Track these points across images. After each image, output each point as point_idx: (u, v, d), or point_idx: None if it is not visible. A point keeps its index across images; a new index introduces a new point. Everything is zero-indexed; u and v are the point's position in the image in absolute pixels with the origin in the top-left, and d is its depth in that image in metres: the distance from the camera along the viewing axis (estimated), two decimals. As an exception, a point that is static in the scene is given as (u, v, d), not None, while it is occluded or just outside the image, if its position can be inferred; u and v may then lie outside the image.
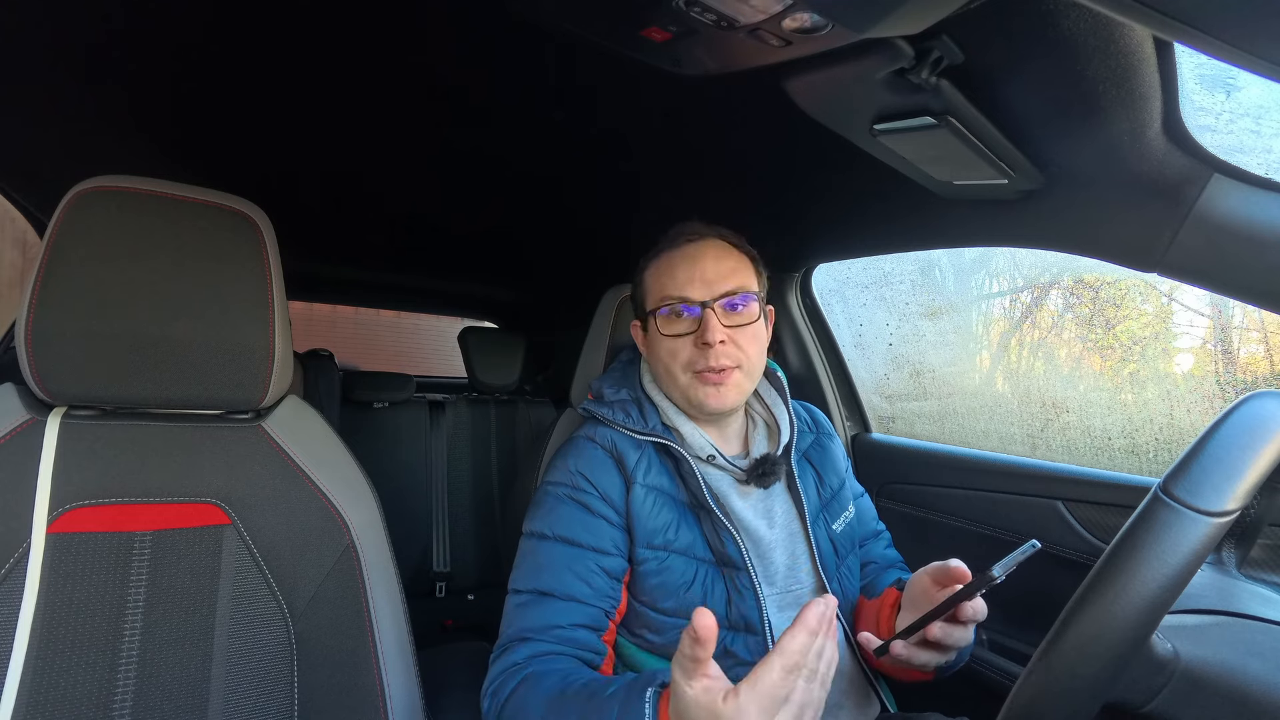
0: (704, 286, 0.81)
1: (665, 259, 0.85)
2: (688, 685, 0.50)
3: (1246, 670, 0.51)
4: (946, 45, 0.60)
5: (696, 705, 0.49)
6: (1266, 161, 0.65)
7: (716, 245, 0.84)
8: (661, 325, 0.83)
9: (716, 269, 0.82)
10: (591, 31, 0.65)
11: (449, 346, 2.27)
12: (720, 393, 0.80)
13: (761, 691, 0.47)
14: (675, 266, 0.83)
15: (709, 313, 0.79)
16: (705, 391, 0.80)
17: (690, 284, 0.81)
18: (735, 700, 0.47)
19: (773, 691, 0.48)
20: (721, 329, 0.79)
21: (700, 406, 0.82)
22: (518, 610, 0.75)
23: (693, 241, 0.84)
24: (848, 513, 0.91)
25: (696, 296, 0.81)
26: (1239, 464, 0.47)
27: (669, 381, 0.84)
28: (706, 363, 0.79)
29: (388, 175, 1.25)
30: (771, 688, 0.48)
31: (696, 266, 0.82)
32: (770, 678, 0.48)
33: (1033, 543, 0.60)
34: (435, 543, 1.89)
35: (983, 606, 0.68)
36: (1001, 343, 1.46)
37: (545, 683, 0.66)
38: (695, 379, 0.81)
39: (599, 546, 0.77)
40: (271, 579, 0.74)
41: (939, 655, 0.70)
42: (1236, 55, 0.43)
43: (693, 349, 0.81)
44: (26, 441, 0.68)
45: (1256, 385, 1.05)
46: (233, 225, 0.76)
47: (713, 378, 0.80)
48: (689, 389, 0.81)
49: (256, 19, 0.77)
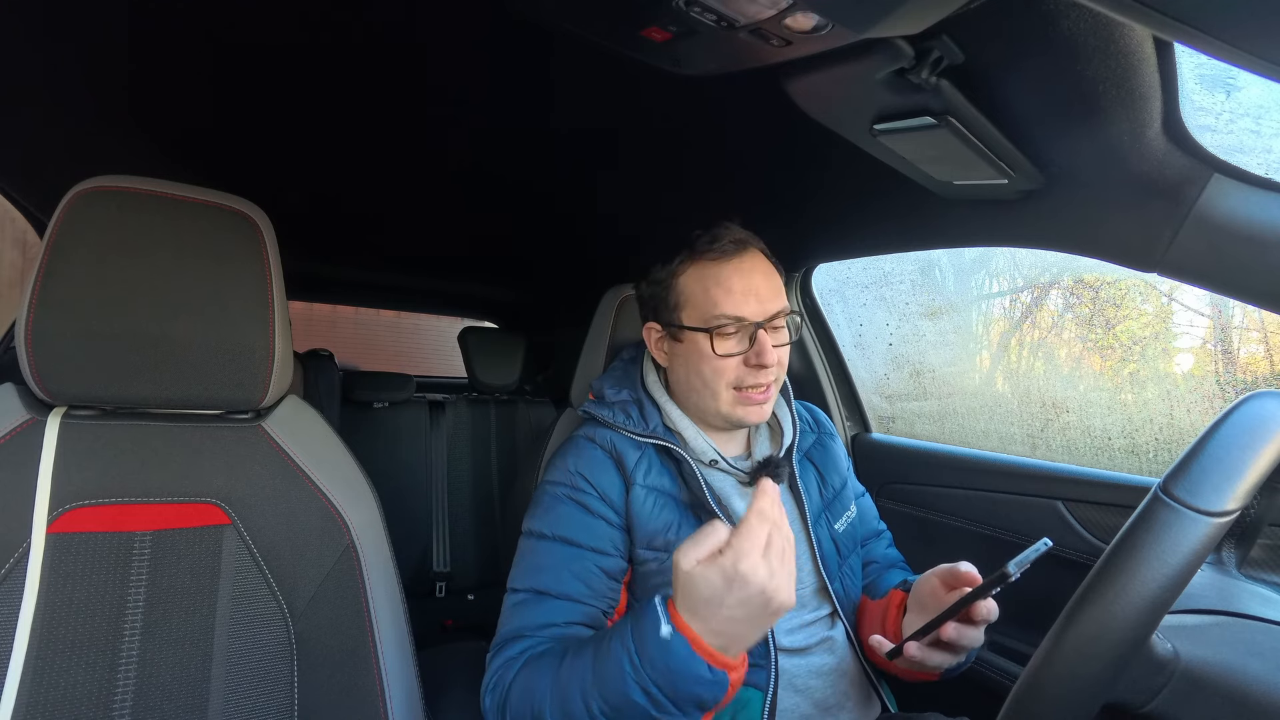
0: (758, 305, 0.78)
1: (713, 268, 0.80)
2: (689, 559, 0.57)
3: (1246, 670, 0.51)
4: (946, 45, 0.59)
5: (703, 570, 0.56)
6: (1266, 161, 0.65)
7: (761, 260, 0.82)
8: (717, 345, 0.78)
9: (767, 286, 0.80)
10: (591, 31, 0.65)
11: (449, 346, 2.27)
12: (762, 410, 0.81)
13: (748, 535, 0.55)
14: (729, 279, 0.79)
15: (764, 335, 0.78)
16: (749, 410, 0.80)
17: (745, 303, 0.78)
18: (731, 548, 0.56)
19: (756, 535, 0.56)
20: (773, 350, 0.78)
21: (740, 422, 0.82)
22: (515, 609, 0.75)
23: (740, 252, 0.80)
24: (850, 512, 0.91)
25: (751, 316, 0.78)
26: (1239, 464, 0.47)
27: (706, 396, 0.81)
28: (755, 381, 0.79)
29: (388, 175, 1.25)
30: (754, 532, 0.56)
31: (750, 282, 0.79)
32: (752, 524, 0.56)
33: (1045, 541, 0.61)
34: (435, 543, 1.89)
35: (994, 607, 0.68)
36: (1001, 343, 1.46)
37: (548, 656, 0.67)
38: (738, 396, 0.80)
39: (597, 546, 0.77)
40: (271, 579, 0.74)
41: (951, 657, 0.70)
42: (1236, 55, 0.43)
43: (742, 369, 0.79)
44: (26, 441, 0.68)
45: (1256, 385, 1.05)
46: (233, 225, 0.76)
47: (759, 396, 0.79)
48: (730, 405, 0.80)
49: (257, 20, 0.77)
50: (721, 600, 0.55)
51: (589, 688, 0.61)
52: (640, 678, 0.58)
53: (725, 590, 0.55)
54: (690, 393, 0.84)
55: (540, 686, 0.65)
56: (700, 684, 0.57)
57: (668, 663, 0.57)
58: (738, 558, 0.55)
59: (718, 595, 0.55)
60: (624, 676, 0.58)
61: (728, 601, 0.55)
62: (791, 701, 0.78)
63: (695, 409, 0.84)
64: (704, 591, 0.56)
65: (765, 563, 0.55)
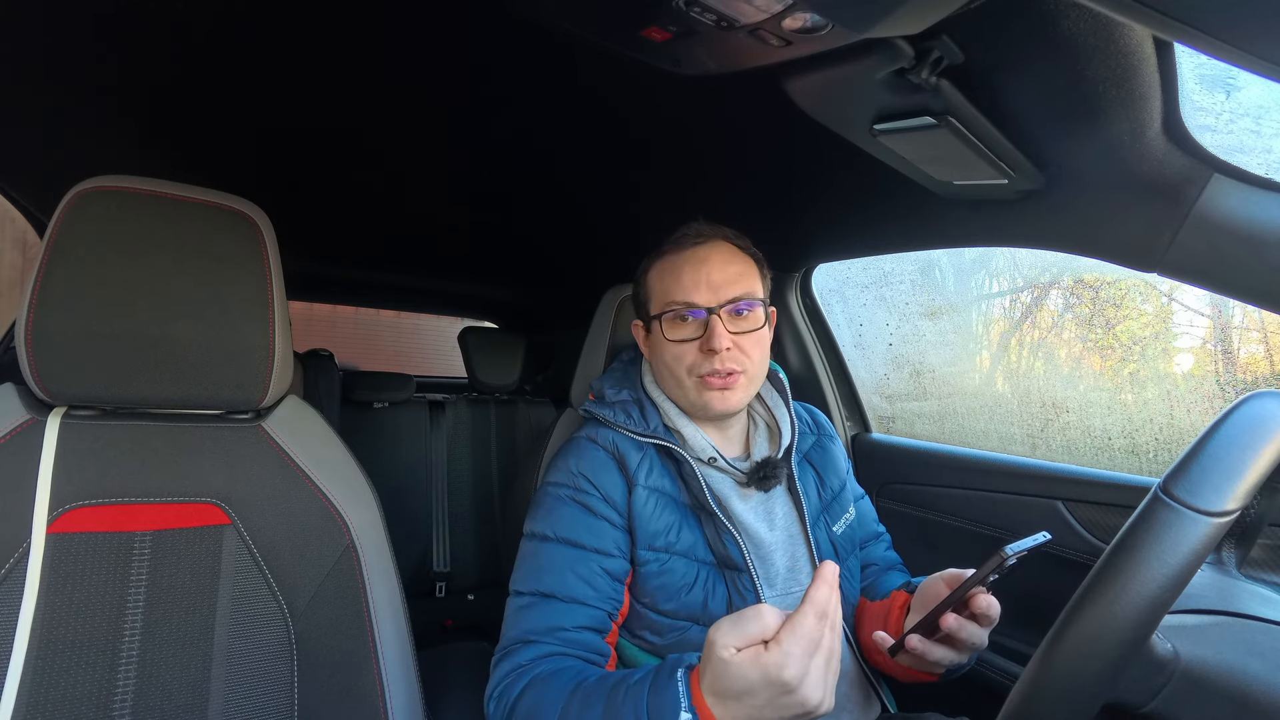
0: (710, 291, 0.80)
1: (670, 261, 0.84)
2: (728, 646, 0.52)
3: (1246, 670, 0.51)
4: (946, 45, 0.60)
5: (740, 664, 0.52)
6: (1266, 161, 0.65)
7: (723, 248, 0.83)
8: (666, 330, 0.82)
9: (723, 273, 0.81)
10: (591, 31, 0.65)
11: (449, 346, 2.27)
12: (725, 396, 0.80)
13: (801, 635, 0.51)
14: (681, 269, 0.82)
15: (715, 319, 0.79)
16: (710, 396, 0.80)
17: (696, 289, 0.80)
18: (779, 647, 0.51)
19: (810, 635, 0.51)
20: (727, 335, 0.79)
21: (705, 410, 0.81)
22: (520, 612, 0.75)
23: (699, 243, 0.83)
24: (848, 514, 0.91)
25: (702, 302, 0.80)
26: (1239, 464, 0.47)
27: (673, 384, 0.84)
28: (712, 367, 0.79)
29: (387, 176, 1.25)
30: (809, 632, 0.51)
31: (703, 270, 0.81)
32: (807, 623, 0.51)
33: (1045, 534, 0.61)
34: (435, 543, 1.89)
35: (996, 604, 0.67)
36: (1001, 343, 1.46)
37: (558, 680, 0.65)
38: (700, 383, 0.80)
39: (601, 548, 0.77)
40: (271, 579, 0.74)
41: (952, 653, 0.69)
42: (1236, 55, 0.43)
43: (698, 354, 0.80)
44: (26, 441, 0.68)
45: (1256, 385, 1.05)
46: (233, 225, 0.76)
47: (718, 382, 0.79)
48: (694, 393, 0.81)
49: (257, 20, 0.77)
50: (754, 696, 0.51)
51: None
52: None
53: (761, 688, 0.51)
54: (662, 383, 0.87)
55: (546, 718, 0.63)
56: None
57: None
58: (785, 662, 0.50)
59: (751, 691, 0.51)
60: None
61: (759, 699, 0.51)
62: (792, 702, 0.78)
63: (678, 400, 0.85)
64: (737, 685, 0.52)
65: (814, 666, 0.51)
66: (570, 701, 0.62)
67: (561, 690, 0.64)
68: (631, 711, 0.57)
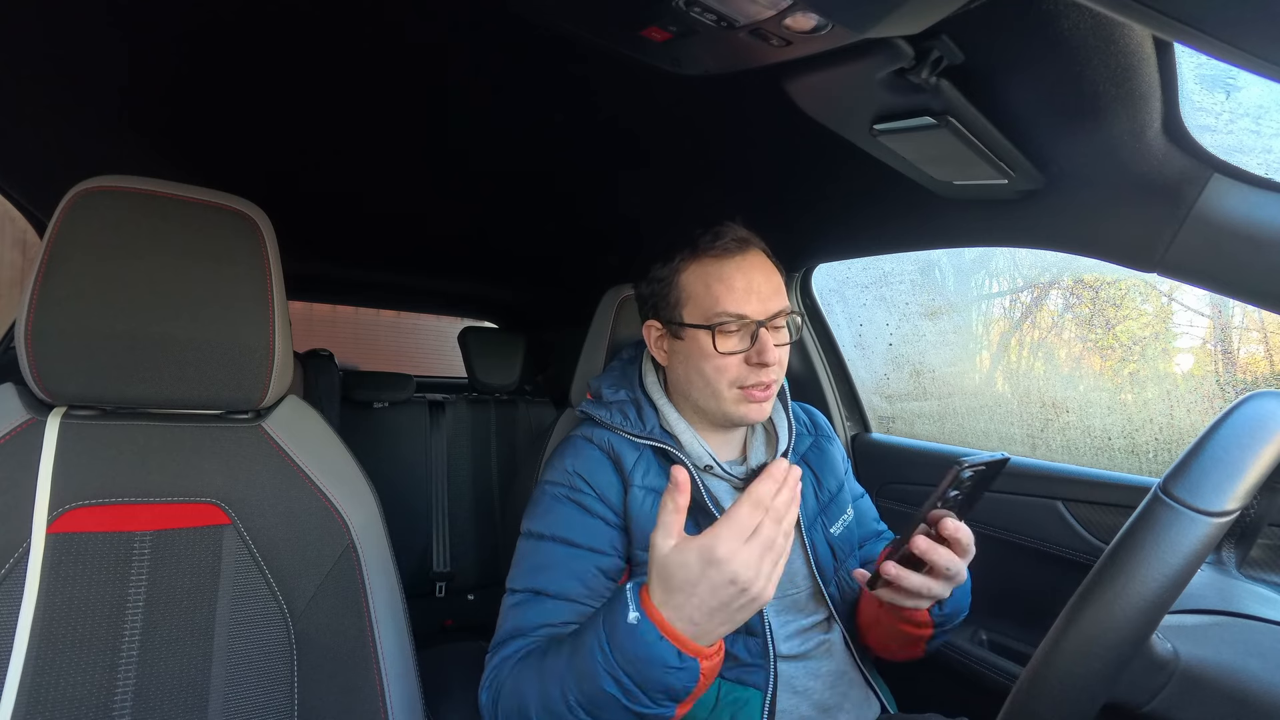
0: (759, 304, 0.78)
1: (716, 267, 0.80)
2: (667, 541, 0.57)
3: (1246, 670, 0.51)
4: (946, 45, 0.60)
5: (678, 552, 0.55)
6: (1266, 161, 0.65)
7: (762, 259, 0.82)
8: (719, 342, 0.78)
9: (768, 285, 0.80)
10: (591, 31, 0.65)
11: (449, 346, 2.27)
12: (763, 407, 0.80)
13: (733, 520, 0.54)
14: (732, 278, 0.79)
15: (765, 333, 0.78)
16: (749, 408, 0.80)
17: (747, 301, 0.78)
18: (712, 530, 0.55)
19: (741, 522, 0.54)
20: (774, 349, 0.78)
21: (742, 420, 0.81)
22: (514, 609, 0.75)
23: (743, 250, 0.81)
24: (846, 515, 0.91)
25: (753, 315, 0.78)
26: (1239, 464, 0.47)
27: (708, 395, 0.81)
28: (758, 379, 0.78)
29: (388, 176, 1.25)
30: (740, 519, 0.54)
31: (751, 280, 0.79)
32: (739, 512, 0.55)
33: (1003, 453, 0.64)
34: (435, 543, 1.89)
35: (966, 530, 0.69)
36: (1001, 343, 1.46)
37: (534, 655, 0.68)
38: (741, 395, 0.80)
39: (596, 547, 0.77)
40: (271, 579, 0.74)
41: (930, 581, 0.69)
42: (1236, 55, 0.43)
43: (743, 367, 0.79)
44: (26, 441, 0.68)
45: (1256, 385, 1.05)
46: (233, 225, 0.76)
47: (760, 394, 0.79)
48: (733, 404, 0.80)
49: (258, 21, 0.77)
50: (695, 585, 0.54)
51: (567, 680, 0.61)
52: (610, 665, 0.57)
53: (700, 574, 0.54)
54: (691, 390, 0.83)
55: (527, 682, 0.65)
56: (668, 671, 0.55)
57: (635, 649, 0.56)
58: (715, 540, 0.53)
59: (691, 579, 0.54)
60: (596, 666, 0.58)
61: (701, 587, 0.54)
62: (790, 703, 0.78)
63: (695, 408, 0.84)
64: (677, 575, 0.55)
65: (746, 549, 0.53)
66: (544, 659, 0.65)
67: (537, 657, 0.67)
68: (592, 634, 0.60)
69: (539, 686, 0.63)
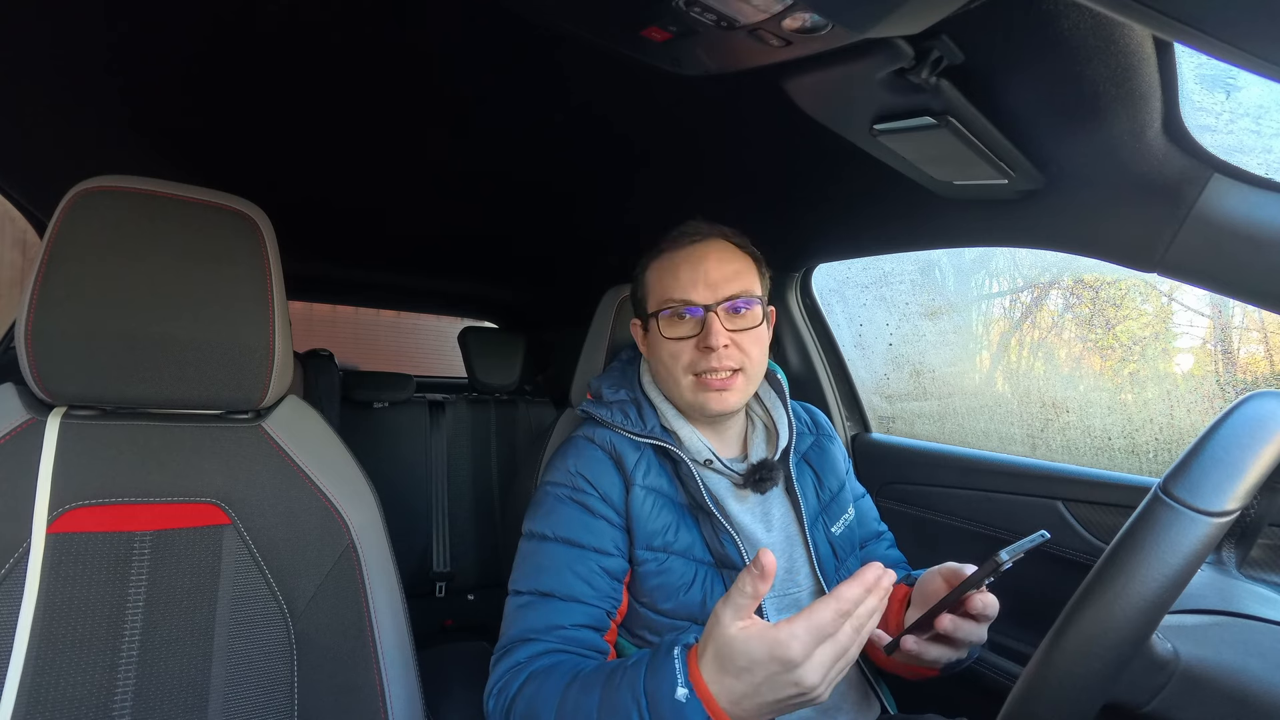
0: (708, 289, 0.80)
1: (668, 259, 0.84)
2: (735, 623, 0.53)
3: (1246, 670, 0.51)
4: (946, 45, 0.60)
5: (746, 639, 0.52)
6: (1266, 161, 0.65)
7: (720, 246, 0.83)
8: (663, 328, 0.82)
9: (721, 271, 0.81)
10: (591, 31, 0.65)
11: (449, 346, 2.27)
12: (723, 396, 0.80)
13: (814, 623, 0.51)
14: (678, 267, 0.82)
15: (712, 316, 0.79)
16: (708, 395, 0.80)
17: (694, 286, 0.80)
18: (789, 626, 0.51)
19: (822, 625, 0.51)
20: (725, 333, 0.79)
21: (702, 409, 0.81)
22: (519, 611, 0.75)
23: (696, 242, 0.83)
24: (847, 515, 0.91)
25: (700, 299, 0.80)
26: (1239, 464, 0.47)
27: (670, 383, 0.84)
28: (709, 365, 0.79)
29: (388, 176, 1.25)
30: (822, 622, 0.51)
31: (700, 268, 0.81)
32: (823, 613, 0.51)
33: (1042, 533, 0.60)
34: (435, 543, 1.89)
35: (994, 601, 0.67)
36: (1001, 343, 1.46)
37: (556, 673, 0.66)
38: (697, 382, 0.80)
39: (600, 547, 0.77)
40: (271, 579, 0.74)
41: (949, 651, 0.68)
42: (1236, 55, 0.43)
43: (695, 352, 0.80)
44: (26, 441, 0.68)
45: (1256, 385, 1.05)
46: (233, 225, 0.76)
47: (715, 381, 0.79)
48: (691, 392, 0.81)
49: (258, 22, 0.77)
50: (754, 675, 0.51)
51: None
52: None
53: (763, 667, 0.51)
54: (659, 382, 0.87)
55: (544, 706, 0.63)
56: None
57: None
58: (791, 639, 0.50)
59: (752, 669, 0.51)
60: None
61: (759, 677, 0.51)
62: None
63: (675, 400, 0.85)
64: (739, 660, 0.52)
65: (819, 653, 0.51)
66: (568, 691, 0.62)
67: (559, 682, 0.64)
68: (629, 692, 0.57)
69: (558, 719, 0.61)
